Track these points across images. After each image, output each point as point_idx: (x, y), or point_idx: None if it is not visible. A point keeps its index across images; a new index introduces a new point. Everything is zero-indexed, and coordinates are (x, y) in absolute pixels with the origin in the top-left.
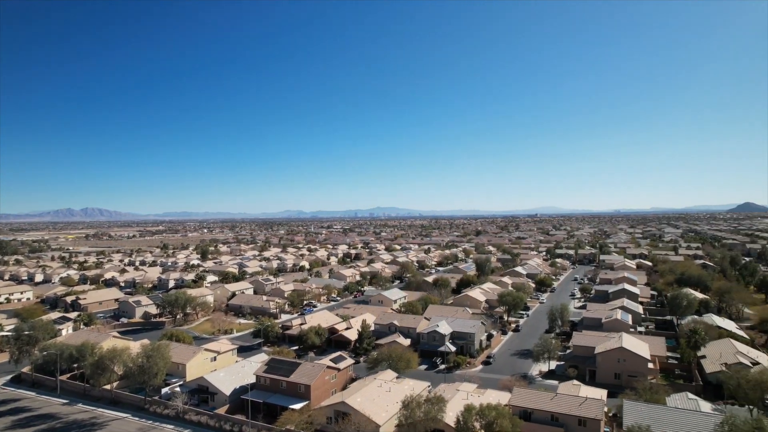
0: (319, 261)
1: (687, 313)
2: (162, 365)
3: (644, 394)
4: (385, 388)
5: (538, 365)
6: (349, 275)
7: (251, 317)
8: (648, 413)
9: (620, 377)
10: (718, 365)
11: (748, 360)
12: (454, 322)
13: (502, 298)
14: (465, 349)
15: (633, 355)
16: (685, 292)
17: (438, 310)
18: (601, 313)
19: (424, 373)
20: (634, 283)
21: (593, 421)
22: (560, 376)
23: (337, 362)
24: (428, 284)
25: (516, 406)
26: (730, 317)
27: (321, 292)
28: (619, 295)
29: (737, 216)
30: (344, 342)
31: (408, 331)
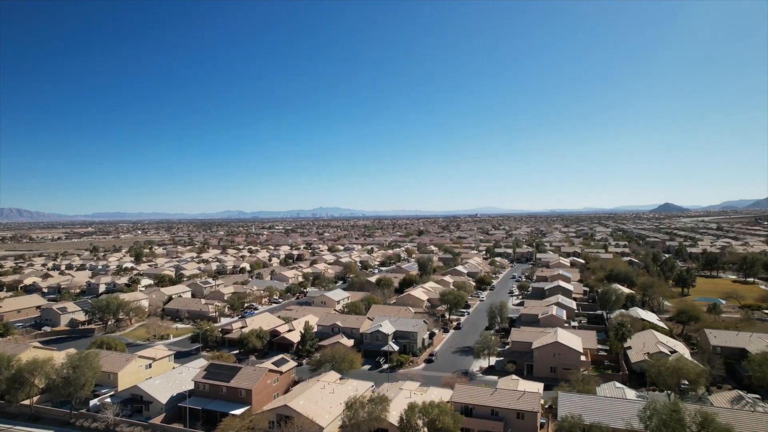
0: (260, 262)
1: (615, 307)
2: (90, 375)
3: (577, 386)
4: (328, 390)
5: (479, 362)
6: (292, 276)
7: (189, 322)
8: (580, 403)
9: (555, 370)
10: (641, 355)
11: (667, 349)
12: (397, 321)
13: (443, 297)
14: (408, 347)
15: (567, 349)
16: (613, 288)
17: (381, 310)
18: (537, 310)
19: (368, 373)
20: (568, 280)
21: (530, 414)
22: (500, 372)
23: (279, 365)
24: (371, 284)
25: (458, 403)
26: (652, 310)
27: (262, 295)
28: (554, 292)
29: (658, 215)
30: (287, 344)
31: (351, 332)
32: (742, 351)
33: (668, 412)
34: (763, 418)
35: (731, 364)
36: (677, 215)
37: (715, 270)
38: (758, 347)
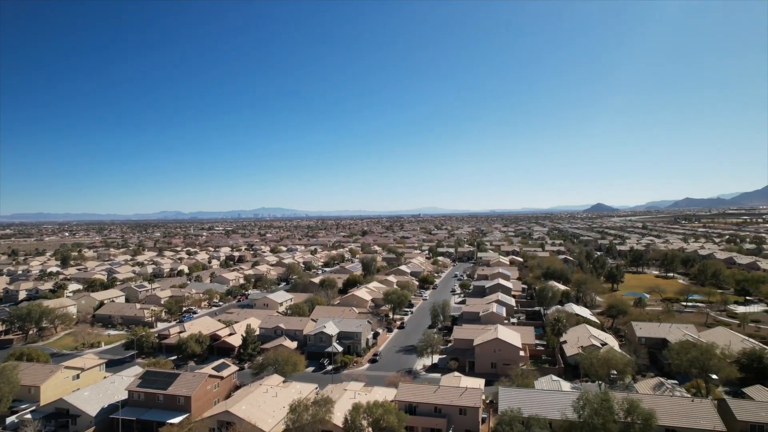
0: (199, 265)
1: (552, 304)
2: (7, 390)
3: (516, 380)
4: (271, 394)
5: (422, 360)
6: (233, 279)
7: (123, 328)
8: (519, 397)
9: (496, 366)
10: (576, 348)
11: (599, 342)
12: (341, 322)
13: (387, 297)
14: (352, 348)
15: (507, 345)
16: (550, 285)
17: (325, 311)
18: (479, 307)
19: (312, 375)
20: (508, 278)
21: (472, 409)
22: (443, 369)
23: (219, 370)
24: (315, 285)
25: (402, 401)
26: (585, 305)
27: (202, 298)
28: (494, 290)
29: (591, 215)
30: (228, 348)
31: (294, 334)
32: (663, 341)
33: (599, 401)
34: (680, 402)
35: (654, 353)
36: (608, 215)
37: (640, 266)
38: (677, 337)
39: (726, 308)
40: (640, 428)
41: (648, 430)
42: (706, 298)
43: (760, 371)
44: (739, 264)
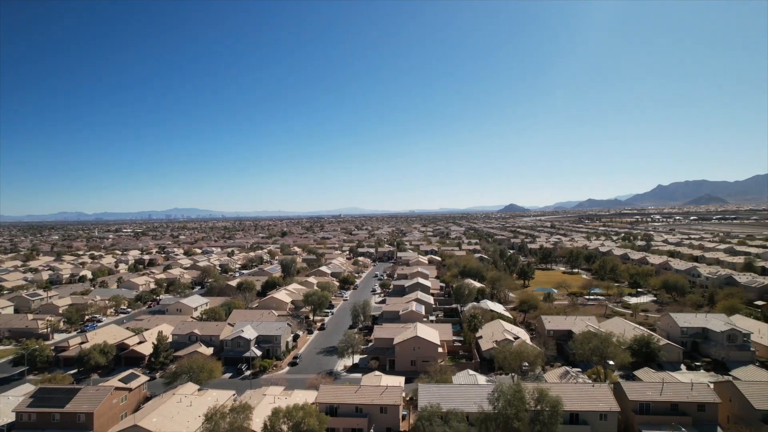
0: (105, 269)
1: (468, 301)
2: None
3: (435, 376)
4: (185, 403)
5: (343, 360)
6: (143, 283)
7: (10, 342)
8: (438, 392)
9: (416, 363)
10: (491, 343)
11: (512, 336)
12: (260, 325)
13: (307, 298)
14: (271, 352)
15: (426, 343)
16: (466, 283)
17: (243, 314)
18: (398, 306)
19: (229, 381)
20: (427, 277)
21: (393, 407)
22: (364, 369)
23: (127, 381)
24: (232, 288)
25: (323, 403)
26: (499, 301)
27: (107, 305)
28: (414, 289)
29: (504, 215)
30: (137, 358)
31: (210, 339)
32: (569, 332)
33: (512, 392)
34: (582, 387)
35: (561, 344)
36: (520, 215)
37: (549, 263)
38: (580, 328)
39: (621, 300)
40: (548, 415)
41: (555, 416)
42: (605, 291)
43: (648, 355)
44: (632, 259)
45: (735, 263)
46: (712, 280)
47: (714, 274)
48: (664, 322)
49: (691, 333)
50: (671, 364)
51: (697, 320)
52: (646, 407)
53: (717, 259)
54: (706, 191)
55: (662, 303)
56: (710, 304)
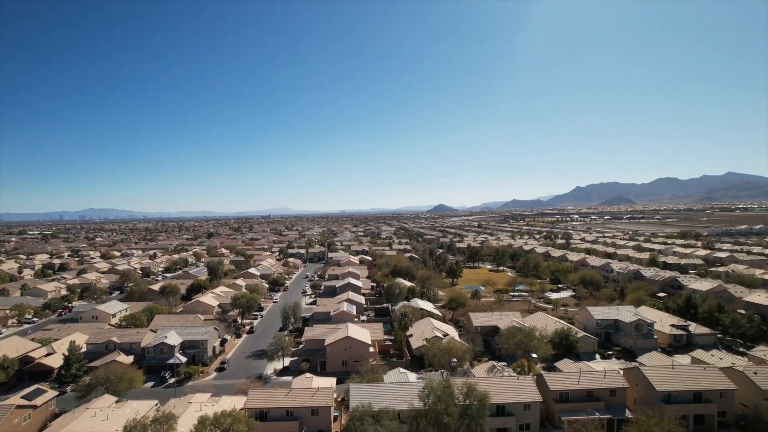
0: (5, 276)
1: (399, 300)
2: None
3: (367, 376)
4: (101, 417)
5: (273, 364)
6: (52, 290)
7: None
8: (370, 392)
9: (347, 364)
10: (421, 341)
11: (441, 333)
12: (185, 330)
13: (235, 301)
14: (197, 357)
15: (357, 342)
16: (397, 282)
17: (166, 320)
18: (330, 307)
19: (152, 390)
20: (358, 277)
21: (324, 409)
22: (294, 371)
23: (32, 398)
24: (154, 293)
25: (252, 408)
26: (429, 300)
27: (9, 315)
28: (345, 289)
29: (434, 215)
30: (45, 371)
31: (131, 347)
32: (495, 328)
33: (442, 388)
34: (508, 380)
35: (488, 339)
36: (449, 215)
37: (477, 261)
38: (506, 323)
39: (543, 295)
40: (476, 408)
41: (483, 409)
42: (528, 287)
43: (567, 347)
44: (553, 257)
45: (642, 259)
46: (623, 275)
47: (624, 269)
48: (581, 315)
49: (605, 324)
50: (588, 354)
51: (609, 312)
52: (565, 396)
53: (627, 255)
54: (617, 192)
55: (580, 297)
56: (621, 297)
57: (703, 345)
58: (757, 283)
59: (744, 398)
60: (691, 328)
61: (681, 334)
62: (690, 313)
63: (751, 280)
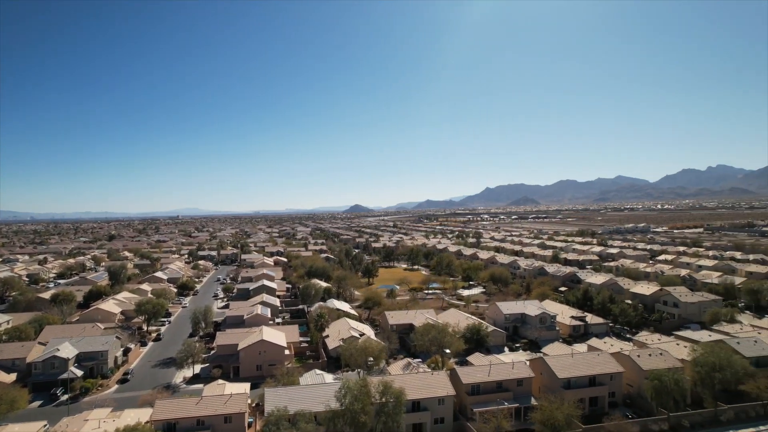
0: None
1: (315, 301)
2: None
3: (282, 379)
4: None
5: (183, 372)
6: None
7: None
8: (285, 395)
9: (262, 368)
10: (337, 341)
11: (357, 333)
12: (81, 341)
13: (140, 307)
14: (96, 370)
15: (272, 346)
16: (313, 283)
17: (59, 330)
18: (243, 310)
19: (40, 410)
20: (272, 279)
21: (237, 416)
22: (206, 379)
23: None
24: (44, 302)
25: (159, 420)
26: (345, 300)
27: None
28: (259, 291)
29: (350, 216)
30: None
31: (13, 363)
32: (410, 326)
33: (358, 388)
34: (423, 376)
35: (403, 337)
36: (364, 215)
37: (392, 261)
38: (420, 321)
39: (456, 293)
40: (393, 406)
41: (399, 406)
42: (442, 285)
43: (479, 341)
44: (465, 255)
45: (545, 256)
46: (529, 272)
47: (530, 266)
48: (491, 310)
49: (513, 318)
50: (497, 348)
51: (517, 307)
52: (477, 388)
53: (532, 253)
54: (524, 194)
55: (490, 293)
56: (527, 292)
57: (597, 334)
58: (641, 276)
59: (629, 379)
60: (588, 318)
61: (579, 324)
62: (587, 305)
63: (636, 273)
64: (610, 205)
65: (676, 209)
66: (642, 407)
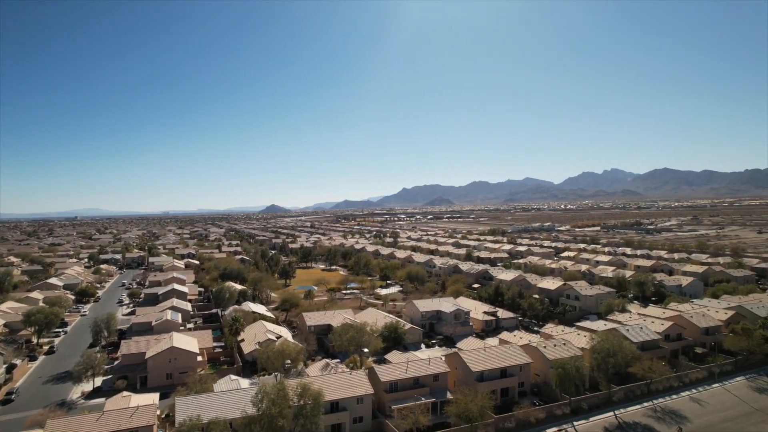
0: None
1: (229, 304)
2: None
3: (195, 387)
4: None
5: (81, 386)
6: None
7: None
8: (198, 403)
9: (172, 376)
10: (253, 345)
11: (274, 335)
12: None
13: (29, 318)
14: None
15: (183, 352)
16: (227, 286)
17: None
18: (151, 317)
19: None
20: (184, 282)
21: (145, 429)
22: (108, 392)
23: None
24: None
25: None
26: (261, 302)
27: None
28: (168, 296)
29: (266, 216)
30: None
31: None
32: (329, 326)
33: (275, 392)
34: (341, 377)
35: (321, 338)
36: (281, 215)
37: (310, 261)
38: (339, 321)
39: (374, 292)
40: (311, 407)
41: (317, 407)
42: (360, 285)
43: (396, 339)
44: (382, 255)
45: (460, 254)
46: (444, 270)
47: (445, 264)
48: (408, 308)
49: (429, 316)
50: (414, 345)
51: (433, 305)
52: (395, 385)
53: (447, 251)
54: (439, 194)
55: (407, 292)
56: (442, 290)
57: (508, 327)
58: (546, 272)
59: (537, 369)
60: (499, 313)
61: (491, 319)
62: (498, 301)
63: (542, 270)
64: (519, 206)
65: (577, 209)
66: (548, 394)
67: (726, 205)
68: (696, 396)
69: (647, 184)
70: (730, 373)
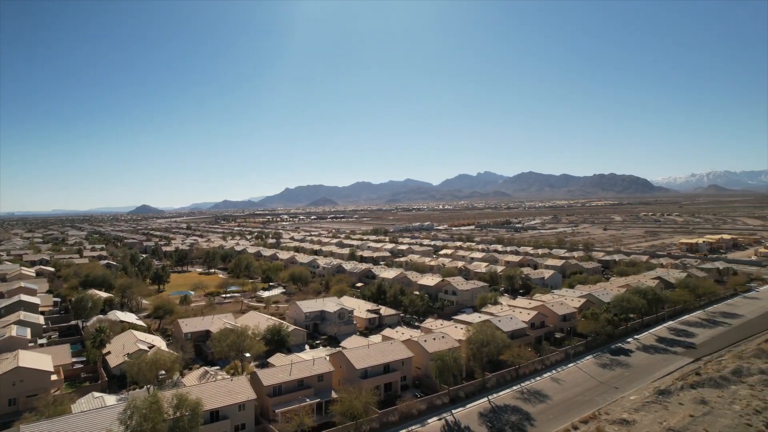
0: None
1: (93, 314)
2: None
3: (47, 410)
4: None
5: None
6: None
7: None
8: (50, 429)
9: (17, 402)
10: (122, 357)
11: (146, 345)
12: None
13: None
14: None
15: (33, 372)
16: (90, 294)
17: None
18: None
19: None
20: (34, 293)
21: None
22: None
23: None
24: None
25: None
26: (131, 310)
27: None
28: (14, 309)
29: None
30: None
31: None
32: (207, 332)
33: (148, 406)
34: (221, 384)
35: (199, 345)
36: (153, 216)
37: (186, 265)
38: (218, 326)
39: (256, 294)
40: (188, 419)
41: (195, 418)
42: (241, 288)
43: (280, 341)
44: (264, 256)
45: (343, 254)
46: (327, 270)
47: (329, 264)
48: (291, 310)
49: (313, 316)
50: (298, 346)
51: (316, 305)
52: (278, 389)
53: (331, 251)
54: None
55: (290, 293)
56: (326, 290)
57: (390, 324)
58: (426, 269)
59: (418, 362)
60: (382, 311)
61: (374, 317)
62: (381, 298)
63: (422, 267)
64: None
65: (454, 209)
66: (429, 386)
67: (579, 206)
68: (556, 376)
69: (516, 186)
70: (582, 353)
